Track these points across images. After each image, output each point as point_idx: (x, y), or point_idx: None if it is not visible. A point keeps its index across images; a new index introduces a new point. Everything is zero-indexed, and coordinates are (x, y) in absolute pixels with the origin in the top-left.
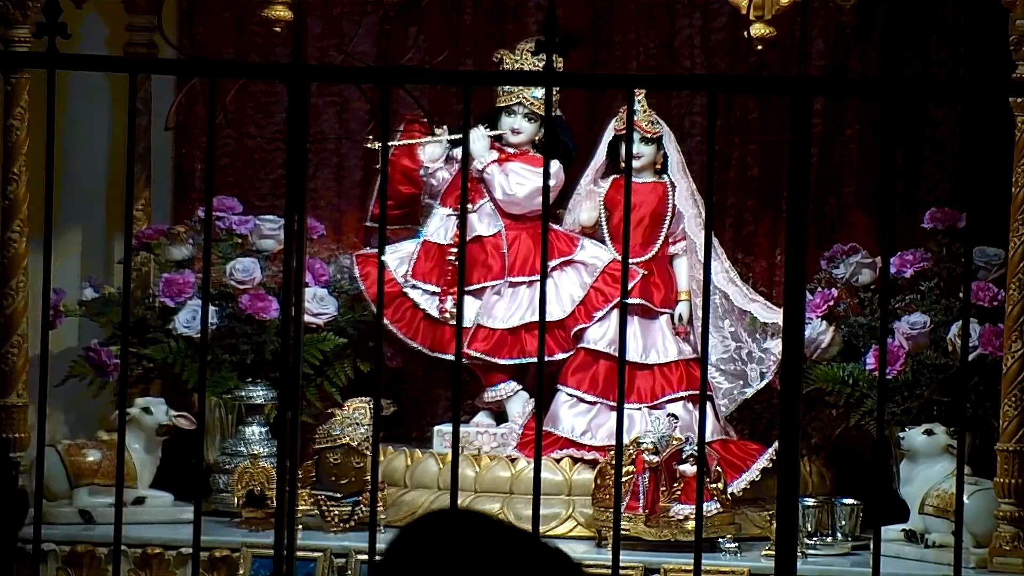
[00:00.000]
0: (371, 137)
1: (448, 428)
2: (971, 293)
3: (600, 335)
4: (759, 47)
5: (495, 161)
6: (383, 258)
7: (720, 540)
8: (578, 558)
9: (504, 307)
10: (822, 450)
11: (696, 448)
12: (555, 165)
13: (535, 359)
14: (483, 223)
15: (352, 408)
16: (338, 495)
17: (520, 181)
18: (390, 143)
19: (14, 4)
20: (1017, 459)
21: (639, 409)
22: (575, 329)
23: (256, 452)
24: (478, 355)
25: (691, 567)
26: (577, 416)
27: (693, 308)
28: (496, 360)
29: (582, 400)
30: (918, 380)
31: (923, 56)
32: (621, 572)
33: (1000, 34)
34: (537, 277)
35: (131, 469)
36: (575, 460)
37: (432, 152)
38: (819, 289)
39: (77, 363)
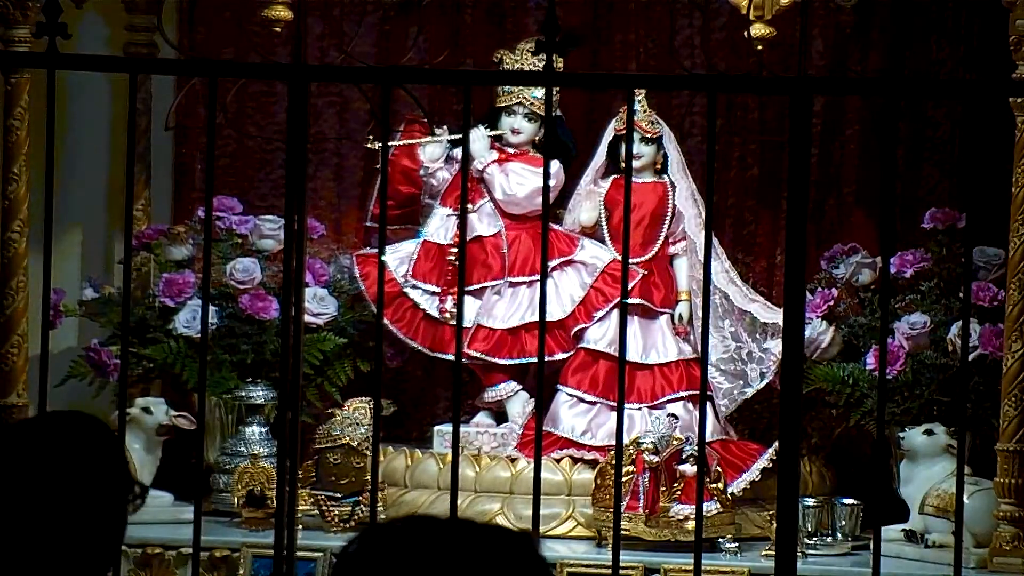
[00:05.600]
0: (371, 137)
1: (448, 428)
2: (971, 293)
3: (600, 335)
4: (759, 47)
5: (495, 161)
6: (383, 258)
7: (720, 540)
8: (578, 558)
9: (504, 307)
10: (822, 450)
11: (696, 448)
12: (555, 165)
13: (535, 359)
14: (483, 223)
15: (352, 408)
16: (338, 495)
17: (520, 181)
18: (390, 143)
19: (14, 4)
20: (1017, 459)
21: (639, 409)
22: (575, 329)
23: (256, 452)
24: (478, 355)
25: (691, 567)
26: (577, 416)
27: (693, 308)
28: (496, 360)
29: (582, 400)
30: (918, 380)
31: (923, 56)
32: (621, 572)
33: (1000, 34)
34: (537, 277)
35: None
36: (575, 460)
37: (432, 152)
38: (819, 289)
39: (77, 363)
